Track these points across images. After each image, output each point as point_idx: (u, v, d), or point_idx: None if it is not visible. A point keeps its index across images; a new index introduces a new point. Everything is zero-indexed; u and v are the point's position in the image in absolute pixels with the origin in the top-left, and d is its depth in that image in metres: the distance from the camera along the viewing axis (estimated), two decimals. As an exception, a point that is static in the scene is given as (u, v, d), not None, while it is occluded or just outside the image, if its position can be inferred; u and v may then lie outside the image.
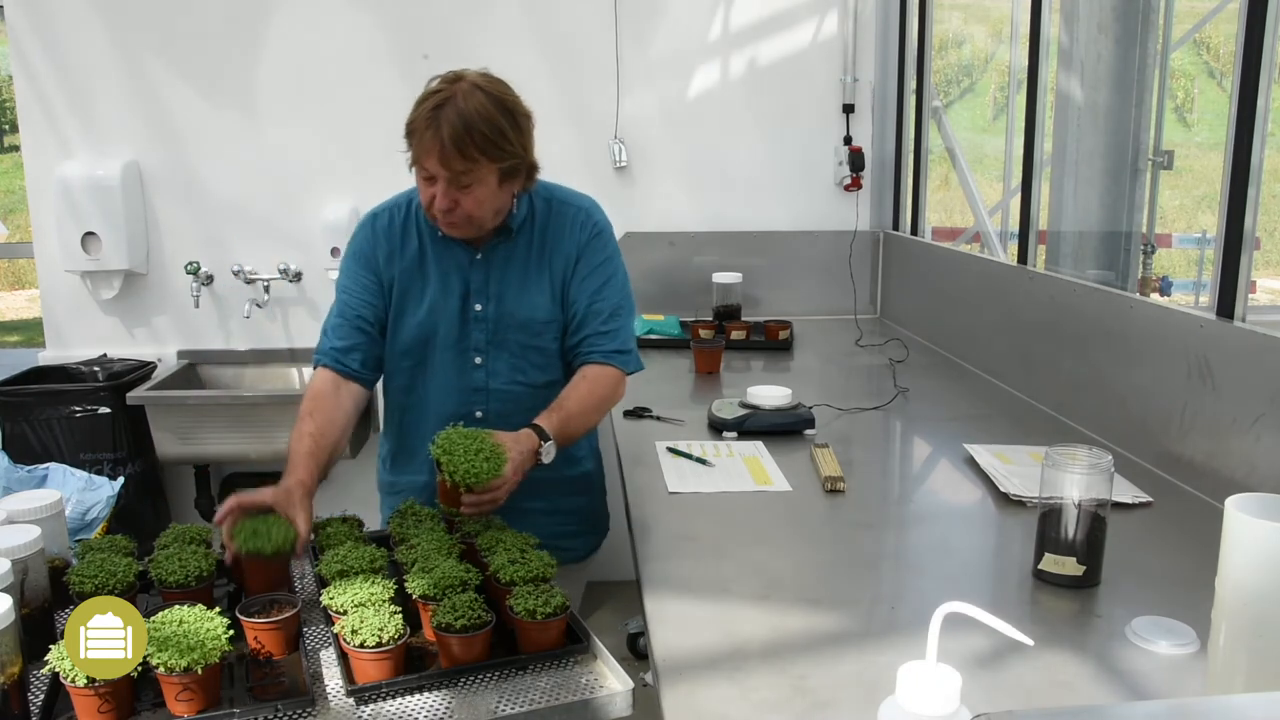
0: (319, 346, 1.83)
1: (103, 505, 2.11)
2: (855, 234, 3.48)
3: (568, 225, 1.84)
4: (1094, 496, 1.32)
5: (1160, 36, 3.51)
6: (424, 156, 1.64)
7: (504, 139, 1.65)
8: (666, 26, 3.38)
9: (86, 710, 1.15)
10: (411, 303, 1.82)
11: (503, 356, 1.82)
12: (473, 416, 1.82)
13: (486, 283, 1.81)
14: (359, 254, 1.85)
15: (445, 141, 1.60)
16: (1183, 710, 0.83)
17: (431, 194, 1.68)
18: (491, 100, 1.66)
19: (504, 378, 1.82)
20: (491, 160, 1.65)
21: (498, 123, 1.65)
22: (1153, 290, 4.91)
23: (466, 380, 1.83)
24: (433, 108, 1.63)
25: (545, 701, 1.23)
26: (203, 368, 3.40)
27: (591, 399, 1.77)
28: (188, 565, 1.41)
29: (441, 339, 1.82)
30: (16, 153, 3.69)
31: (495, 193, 1.70)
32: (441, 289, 1.81)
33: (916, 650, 0.83)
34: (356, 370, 1.80)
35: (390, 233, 1.84)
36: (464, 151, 1.61)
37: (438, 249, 1.82)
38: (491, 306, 1.81)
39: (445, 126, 1.61)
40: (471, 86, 1.66)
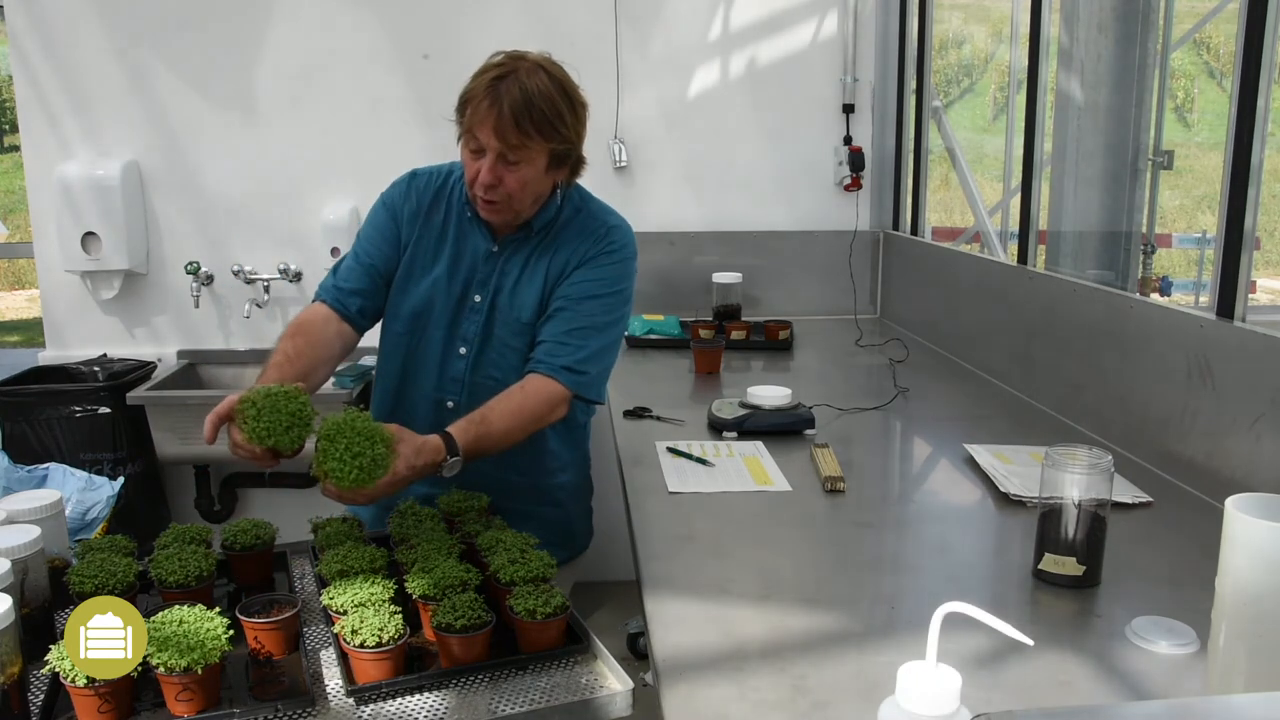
0: (322, 283, 1.81)
1: (103, 505, 2.10)
2: (855, 234, 3.48)
3: (582, 234, 1.81)
4: (1094, 496, 1.32)
5: (1160, 36, 3.51)
6: (477, 126, 1.63)
7: (561, 121, 1.64)
8: (666, 26, 3.38)
9: (86, 710, 1.15)
10: (418, 272, 1.80)
11: (488, 352, 1.80)
12: (444, 405, 1.81)
13: (491, 276, 1.79)
14: (389, 203, 1.84)
15: (505, 112, 1.59)
16: (1183, 710, 0.83)
17: (477, 168, 1.66)
18: (553, 82, 1.65)
19: (484, 372, 1.80)
20: (545, 140, 1.64)
21: (557, 104, 1.64)
22: (1153, 290, 4.91)
23: (449, 368, 1.82)
24: (493, 79, 1.62)
25: (545, 701, 1.23)
26: (203, 368, 3.40)
27: (520, 415, 1.66)
28: (188, 565, 1.42)
29: (435, 319, 1.80)
30: (16, 153, 3.69)
31: (540, 176, 1.69)
32: (449, 270, 1.79)
33: (916, 650, 0.83)
34: (354, 315, 1.79)
35: (424, 194, 1.83)
36: (520, 126, 1.60)
37: (460, 230, 1.80)
38: (488, 300, 1.79)
39: (505, 99, 1.59)
40: (535, 65, 1.65)
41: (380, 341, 1.88)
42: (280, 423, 1.42)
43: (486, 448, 1.62)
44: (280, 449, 1.44)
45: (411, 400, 1.84)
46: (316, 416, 1.47)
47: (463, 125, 1.66)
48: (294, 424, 1.43)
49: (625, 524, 1.68)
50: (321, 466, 1.41)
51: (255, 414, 1.43)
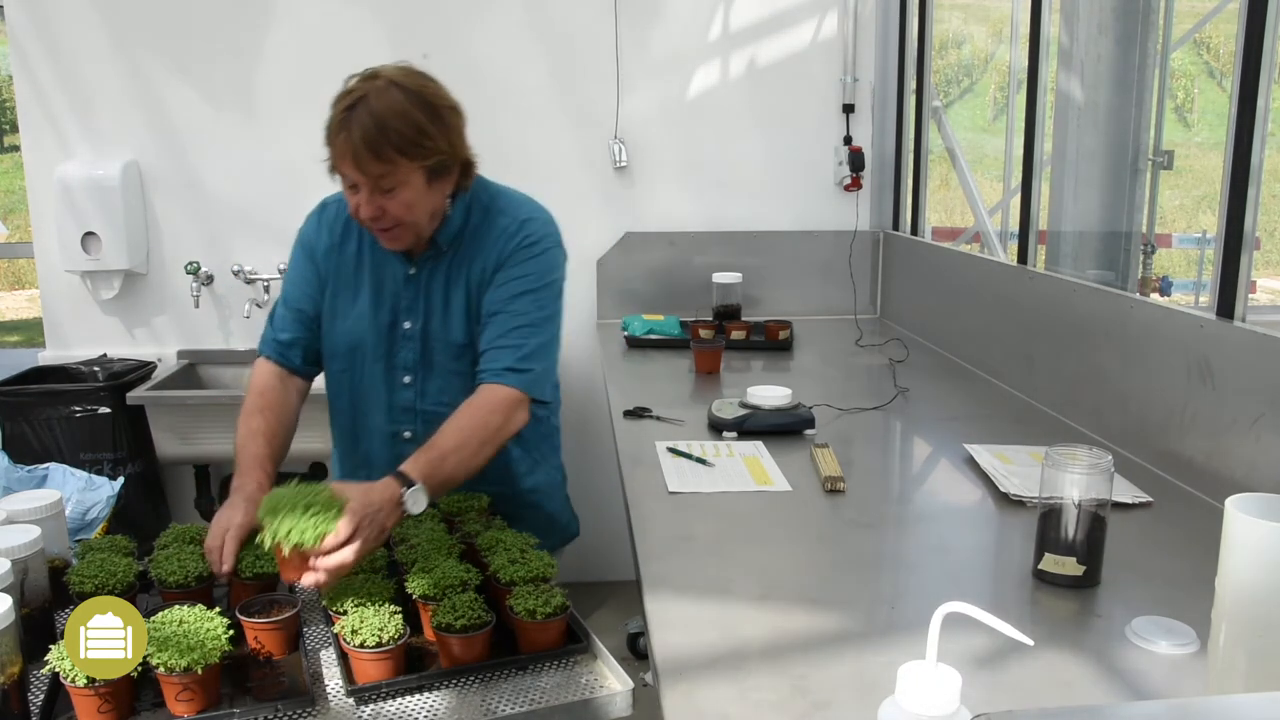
0: (263, 334, 1.80)
1: (103, 505, 2.10)
2: (855, 234, 3.48)
3: (494, 235, 1.71)
4: (1094, 496, 1.32)
5: (1160, 36, 3.51)
6: (340, 162, 1.55)
7: (424, 136, 1.54)
8: (666, 26, 3.38)
9: (86, 710, 1.15)
10: (343, 306, 1.76)
11: (433, 378, 1.75)
12: (401, 436, 1.78)
13: (416, 300, 1.73)
14: (304, 241, 1.80)
15: (358, 144, 1.50)
16: (1183, 710, 0.83)
17: (356, 202, 1.59)
18: (408, 95, 1.55)
19: (433, 399, 1.75)
20: (412, 159, 1.54)
21: (415, 119, 1.53)
22: (1153, 290, 4.92)
23: (396, 398, 1.77)
24: (345, 109, 1.54)
25: (545, 701, 1.23)
26: (203, 368, 3.40)
27: (474, 432, 1.56)
28: (188, 565, 1.42)
29: (370, 351, 1.75)
30: (16, 153, 3.69)
31: (425, 194, 1.60)
32: (373, 301, 1.74)
33: (916, 650, 0.83)
34: (298, 366, 1.78)
35: (334, 226, 1.78)
36: (379, 153, 1.51)
37: (375, 257, 1.74)
38: (419, 325, 1.74)
39: (356, 128, 1.50)
40: (387, 83, 1.55)
41: (325, 381, 1.84)
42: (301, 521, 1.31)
43: (450, 470, 1.52)
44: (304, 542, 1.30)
45: (367, 436, 1.81)
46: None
47: (329, 163, 1.59)
48: (321, 511, 1.32)
49: (625, 524, 1.68)
50: (276, 538, 1.28)
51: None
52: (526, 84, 3.35)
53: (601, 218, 3.44)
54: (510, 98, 3.34)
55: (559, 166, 3.41)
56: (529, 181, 3.47)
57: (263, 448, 1.61)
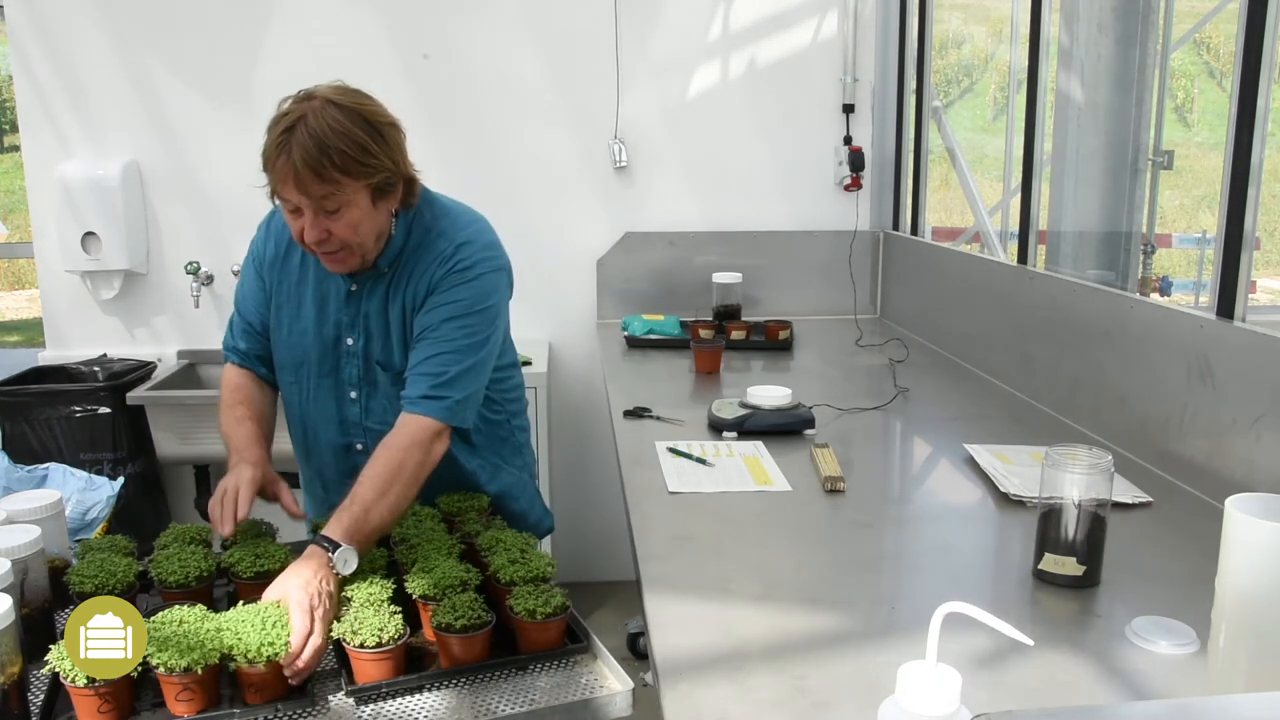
0: (226, 340, 1.80)
1: (103, 505, 2.10)
2: (855, 234, 3.48)
3: (429, 258, 1.66)
4: (1094, 496, 1.32)
5: (1160, 36, 3.51)
6: (280, 186, 1.50)
7: (366, 154, 1.50)
8: (666, 26, 3.38)
9: (86, 710, 1.15)
10: (286, 318, 1.74)
11: (377, 396, 1.73)
12: (354, 448, 1.77)
13: (356, 318, 1.70)
14: (253, 252, 1.79)
15: (299, 165, 1.46)
16: (1183, 710, 0.83)
17: (300, 226, 1.54)
18: (346, 114, 1.51)
19: (378, 417, 1.72)
20: (355, 178, 1.50)
21: (356, 136, 1.49)
22: (1153, 290, 4.91)
23: (345, 412, 1.76)
24: (282, 131, 1.49)
25: (545, 701, 1.23)
26: (203, 368, 3.40)
27: (393, 476, 1.50)
28: (188, 565, 1.42)
29: (315, 365, 1.74)
30: (16, 153, 3.69)
31: (371, 214, 1.56)
32: (317, 315, 1.72)
33: (916, 650, 0.83)
34: (262, 374, 1.79)
35: (280, 236, 1.73)
36: (321, 174, 1.47)
37: (318, 271, 1.71)
38: (360, 344, 1.71)
39: (297, 150, 1.46)
40: (324, 103, 1.51)
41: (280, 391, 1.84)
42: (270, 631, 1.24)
43: (375, 522, 1.46)
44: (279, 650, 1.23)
45: (319, 447, 1.80)
46: None
47: (270, 189, 1.55)
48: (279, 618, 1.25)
49: (625, 524, 1.68)
50: (251, 658, 1.19)
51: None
52: (526, 84, 3.35)
53: (601, 218, 3.44)
54: (510, 98, 3.34)
55: (559, 166, 3.41)
56: (529, 181, 3.49)
57: (253, 429, 1.63)
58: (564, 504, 3.37)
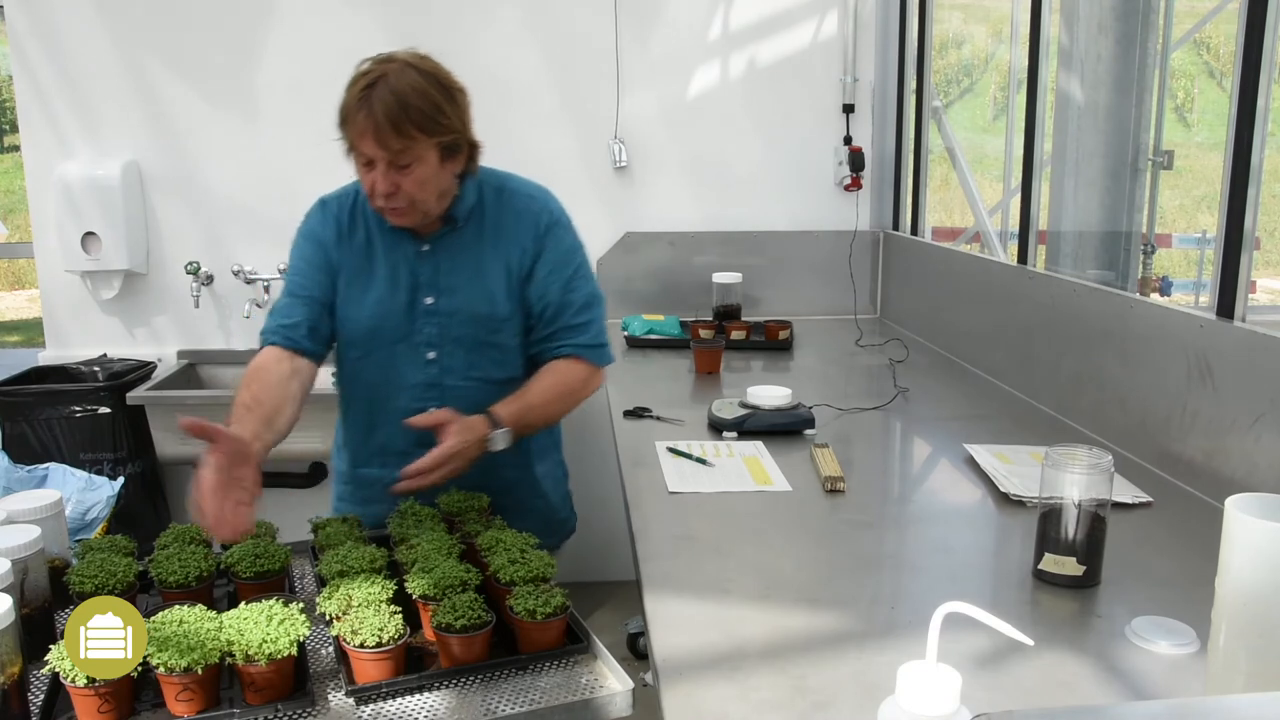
0: (266, 325, 1.78)
1: (103, 505, 2.11)
2: (855, 234, 3.48)
3: (521, 216, 1.81)
4: (1094, 496, 1.32)
5: (1160, 36, 3.51)
6: (359, 139, 1.62)
7: (440, 113, 1.62)
8: (666, 26, 3.38)
9: (86, 710, 1.15)
10: (356, 292, 1.79)
11: (457, 352, 1.79)
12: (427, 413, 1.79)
13: (436, 275, 1.78)
14: (310, 234, 1.83)
15: (380, 120, 1.57)
16: (1183, 710, 0.83)
17: (372, 180, 1.65)
18: (424, 76, 1.62)
19: (459, 374, 1.79)
20: (429, 135, 1.62)
21: (432, 97, 1.61)
22: (1153, 290, 4.92)
23: (419, 375, 1.80)
24: (364, 88, 1.60)
25: (545, 701, 1.23)
26: (203, 368, 3.40)
27: (555, 391, 1.78)
28: (188, 565, 1.42)
29: (389, 333, 1.78)
30: (16, 153, 3.69)
31: (437, 172, 1.67)
32: (389, 282, 1.78)
33: (916, 650, 0.83)
34: (304, 344, 1.75)
35: (340, 217, 1.82)
36: (400, 128, 1.58)
37: (385, 240, 1.79)
38: (443, 300, 1.78)
39: (378, 105, 1.58)
40: (403, 65, 1.63)
41: (338, 372, 1.86)
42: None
43: (531, 422, 1.74)
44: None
45: (389, 416, 1.81)
46: None
47: (345, 143, 1.66)
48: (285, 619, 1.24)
49: (625, 524, 1.68)
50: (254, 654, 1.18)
51: None
52: (526, 84, 3.35)
53: (601, 218, 3.43)
54: (510, 98, 3.34)
55: (559, 166, 3.40)
56: (529, 181, 3.48)
57: (239, 411, 1.60)
58: (564, 504, 3.38)
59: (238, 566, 1.43)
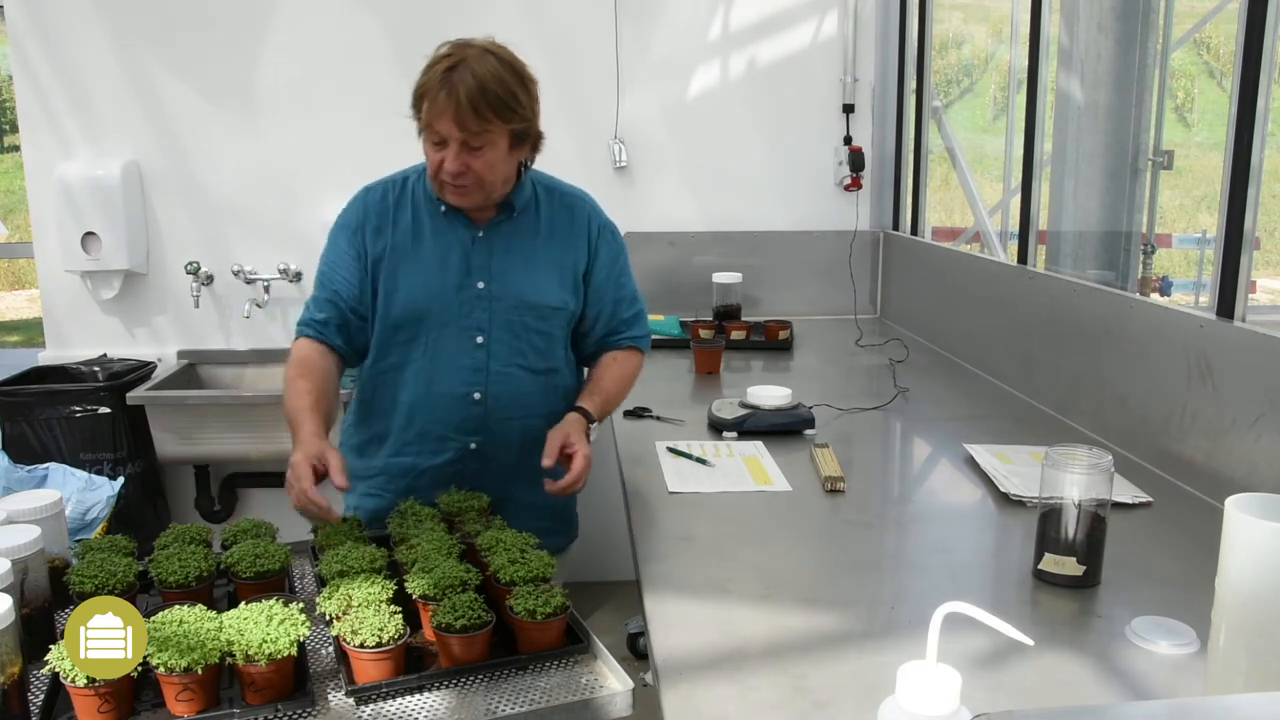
0: (301, 318, 1.83)
1: (103, 505, 2.10)
2: (855, 234, 3.48)
3: (577, 217, 1.88)
4: (1094, 496, 1.32)
5: (1160, 36, 3.51)
6: (437, 119, 1.65)
7: (516, 101, 1.67)
8: (666, 26, 3.38)
9: (86, 710, 1.15)
10: (404, 276, 1.80)
11: (505, 338, 1.81)
12: (470, 398, 1.80)
13: (489, 260, 1.80)
14: (345, 225, 1.85)
15: (461, 101, 1.62)
16: (1183, 710, 0.83)
17: (441, 158, 1.69)
18: (502, 64, 1.68)
19: (504, 360, 1.81)
20: (505, 121, 1.66)
21: (510, 84, 1.67)
22: (1153, 290, 4.91)
23: (467, 359, 1.81)
24: (445, 70, 1.65)
25: (545, 701, 1.23)
26: (203, 368, 3.40)
27: (624, 380, 1.91)
28: (188, 565, 1.42)
29: (438, 315, 1.80)
30: (16, 153, 3.69)
31: (505, 158, 1.71)
32: (439, 265, 1.80)
33: (916, 650, 0.83)
34: (334, 340, 1.80)
35: (382, 206, 1.83)
36: (479, 111, 1.63)
37: (436, 224, 1.81)
38: (495, 285, 1.80)
39: (460, 87, 1.62)
40: (482, 51, 1.69)
41: (380, 354, 1.85)
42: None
43: (608, 411, 1.88)
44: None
45: (435, 401, 1.83)
46: None
47: (421, 120, 1.70)
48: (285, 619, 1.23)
49: (625, 524, 1.68)
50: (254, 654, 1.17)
51: None
52: (526, 84, 3.35)
53: (601, 218, 3.43)
54: (510, 98, 3.34)
55: (559, 166, 3.37)
56: (529, 181, 3.48)
57: (308, 402, 1.66)
58: (564, 504, 3.38)
59: (238, 566, 1.43)
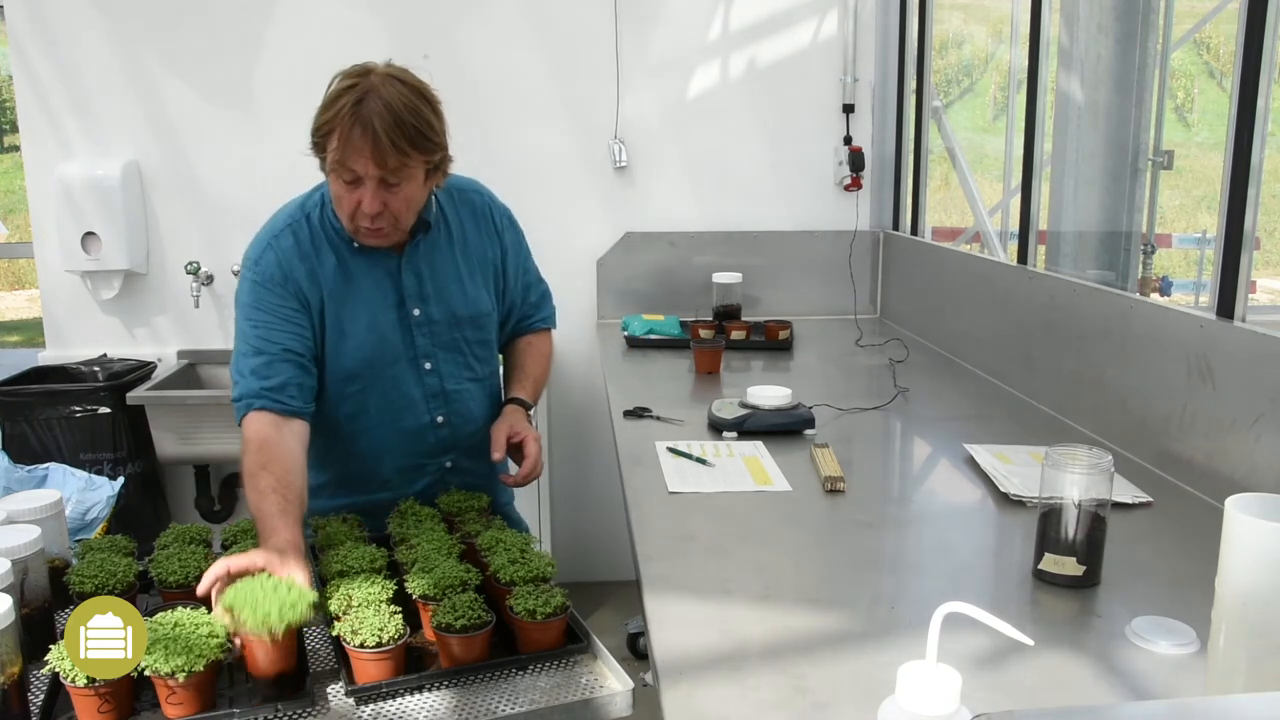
0: (240, 392, 1.60)
1: (103, 505, 2.10)
2: (855, 234, 3.48)
3: (479, 211, 1.84)
4: (1094, 496, 1.32)
5: (1160, 36, 3.51)
6: (352, 158, 1.52)
7: (432, 129, 1.57)
8: (666, 26, 3.38)
9: (86, 710, 1.15)
10: (348, 322, 1.69)
11: (450, 357, 1.78)
12: (435, 423, 1.78)
13: (419, 285, 1.73)
14: (269, 279, 1.66)
15: (380, 137, 1.49)
16: (1183, 710, 0.83)
17: (357, 199, 1.56)
18: (410, 89, 1.55)
19: (455, 379, 1.79)
20: (423, 154, 1.56)
21: (423, 113, 1.55)
22: (1153, 290, 4.91)
23: (422, 388, 1.77)
24: (353, 103, 1.51)
25: (545, 701, 1.23)
26: (203, 368, 3.40)
27: (544, 362, 1.95)
28: (188, 565, 1.42)
29: (389, 353, 1.72)
30: (16, 153, 3.69)
31: (421, 190, 1.62)
32: (377, 301, 1.71)
33: (916, 650, 0.83)
34: (297, 407, 1.61)
35: (301, 252, 1.68)
36: (398, 146, 1.51)
37: (358, 261, 1.70)
38: (431, 308, 1.74)
39: (375, 121, 1.49)
40: (385, 77, 1.55)
41: (335, 405, 1.73)
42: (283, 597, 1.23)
43: (537, 394, 1.91)
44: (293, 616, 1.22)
45: (403, 435, 1.77)
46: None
47: (328, 158, 1.56)
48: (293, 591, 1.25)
49: (625, 524, 1.68)
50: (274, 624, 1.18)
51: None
52: (526, 84, 3.35)
53: (601, 218, 3.44)
54: (510, 98, 3.34)
55: (559, 166, 3.41)
56: (529, 181, 3.50)
57: (277, 504, 1.45)
58: (564, 504, 3.38)
59: None
